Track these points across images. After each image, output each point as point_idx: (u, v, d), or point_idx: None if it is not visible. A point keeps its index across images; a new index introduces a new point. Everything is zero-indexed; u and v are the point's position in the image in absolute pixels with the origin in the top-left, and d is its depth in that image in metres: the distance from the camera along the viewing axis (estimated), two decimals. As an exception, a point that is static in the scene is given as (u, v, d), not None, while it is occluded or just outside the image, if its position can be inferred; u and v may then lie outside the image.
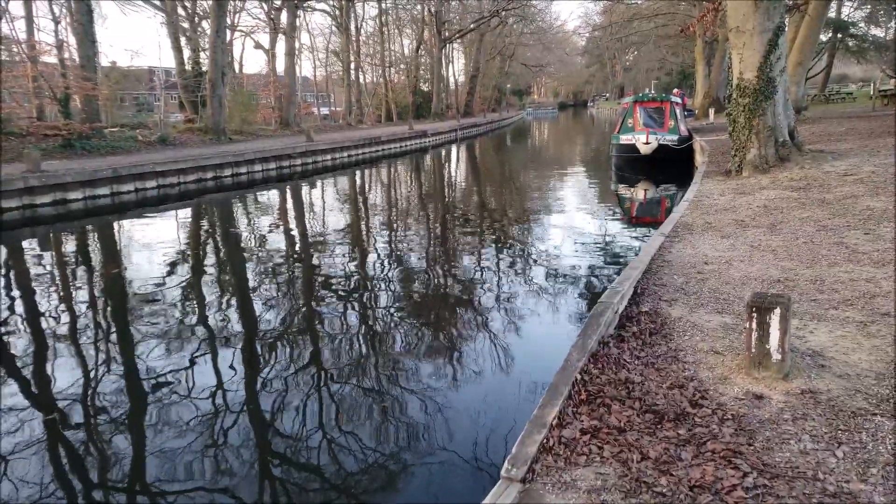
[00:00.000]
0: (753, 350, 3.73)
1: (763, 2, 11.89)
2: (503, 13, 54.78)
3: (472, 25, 55.90)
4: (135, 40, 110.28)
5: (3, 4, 23.42)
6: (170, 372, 5.69)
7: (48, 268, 10.18)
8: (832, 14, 38.34)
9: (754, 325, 3.67)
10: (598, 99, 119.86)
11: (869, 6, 42.74)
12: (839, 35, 42.77)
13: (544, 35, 72.66)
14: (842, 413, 3.31)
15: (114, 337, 6.92)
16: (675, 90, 31.01)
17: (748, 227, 8.09)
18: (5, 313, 7.64)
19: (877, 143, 15.18)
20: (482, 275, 8.97)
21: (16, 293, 8.70)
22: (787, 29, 14.70)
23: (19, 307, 8.02)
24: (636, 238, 10.79)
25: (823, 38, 39.06)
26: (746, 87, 12.35)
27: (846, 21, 43.05)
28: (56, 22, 27.64)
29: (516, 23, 64.24)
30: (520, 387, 5.23)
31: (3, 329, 7.04)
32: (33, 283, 9.09)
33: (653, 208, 14.45)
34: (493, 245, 11.04)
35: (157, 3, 34.56)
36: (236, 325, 7.14)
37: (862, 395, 3.48)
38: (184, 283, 8.90)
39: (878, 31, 45.16)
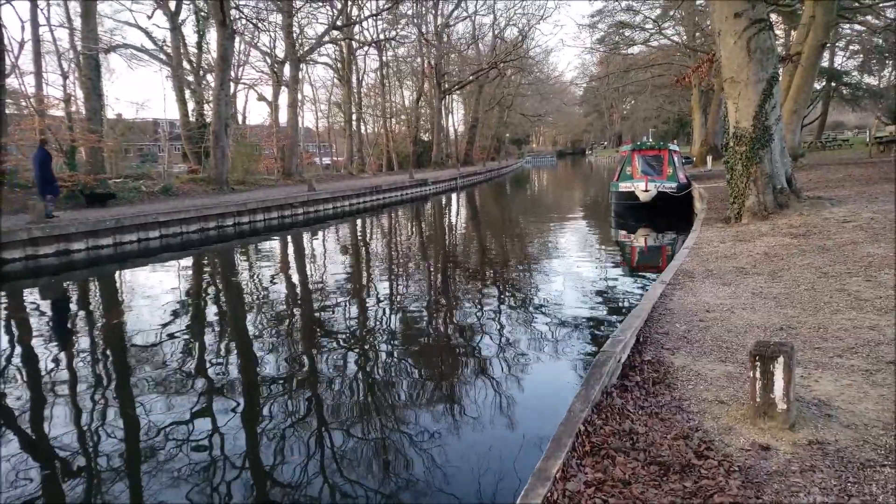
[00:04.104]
0: (758, 400, 3.69)
1: (756, 53, 12.15)
2: (501, 65, 55.92)
3: (471, 77, 57.03)
4: (141, 93, 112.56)
5: (13, 60, 23.97)
6: (170, 423, 5.62)
7: (48, 318, 10.16)
8: (825, 64, 39.14)
9: (758, 374, 3.64)
10: (596, 147, 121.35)
11: (861, 55, 43.66)
12: (833, 83, 43.58)
13: (542, 86, 74.18)
14: (850, 465, 3.25)
15: (113, 388, 6.86)
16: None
17: (749, 275, 8.09)
18: (5, 364, 7.59)
19: (874, 189, 15.30)
20: (483, 323, 8.93)
21: (16, 344, 8.66)
22: (780, 78, 14.96)
23: (19, 358, 7.97)
24: (637, 286, 10.78)
25: (818, 86, 39.81)
26: (743, 135, 12.51)
27: (839, 70, 43.93)
28: (64, 77, 28.30)
29: (514, 74, 65.56)
30: (522, 438, 5.15)
31: (3, 378, 6.99)
32: (33, 334, 9.05)
33: (653, 255, 14.47)
34: (494, 293, 11.02)
35: (164, 57, 35.36)
36: (237, 377, 7.08)
37: (870, 446, 3.43)
38: (184, 334, 8.86)
39: (871, 80, 46.09)
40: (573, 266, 12.75)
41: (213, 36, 32.39)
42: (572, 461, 3.40)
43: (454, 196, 37.41)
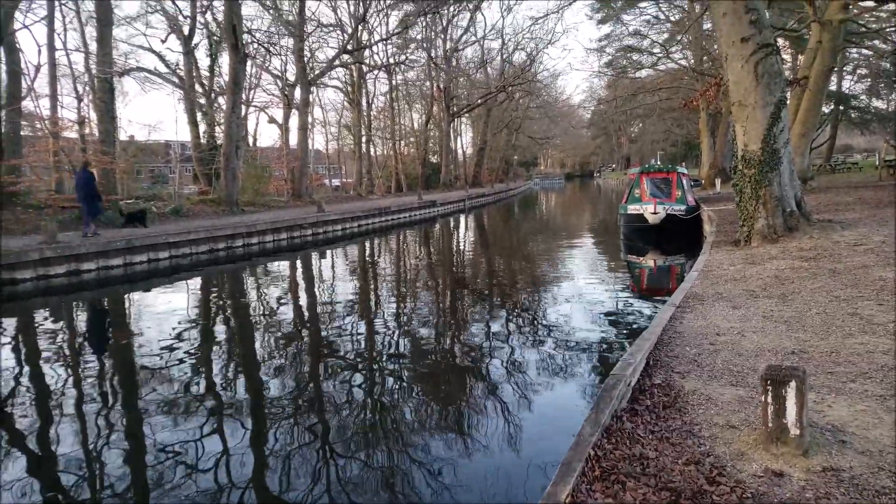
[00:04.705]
0: (770, 424, 3.65)
1: (764, 78, 12.19)
2: (510, 89, 56.30)
3: (479, 100, 57.44)
4: (153, 115, 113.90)
5: (29, 83, 24.39)
6: (177, 444, 5.60)
7: (58, 338, 10.18)
8: (833, 87, 39.21)
9: (770, 399, 3.60)
10: (604, 169, 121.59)
11: (869, 79, 43.72)
12: (841, 107, 43.62)
13: (550, 109, 74.56)
14: (866, 492, 3.20)
15: (121, 408, 6.85)
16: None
17: (759, 298, 8.03)
18: (15, 384, 7.61)
19: (885, 213, 15.22)
20: (492, 346, 8.89)
21: (26, 364, 8.68)
22: (788, 102, 15.00)
23: (29, 378, 7.99)
24: (647, 308, 10.73)
25: (826, 109, 39.85)
26: (751, 158, 12.51)
27: (847, 94, 43.98)
28: (79, 99, 28.80)
29: (523, 97, 65.93)
30: (531, 462, 5.10)
31: (11, 399, 7.00)
32: (43, 354, 9.07)
33: (663, 278, 14.41)
34: (503, 315, 10.98)
35: (176, 80, 35.83)
36: (245, 398, 7.06)
37: (886, 473, 3.38)
38: (192, 355, 8.86)
39: (879, 103, 46.10)
40: (582, 289, 12.70)
41: (225, 59, 32.87)
42: (582, 486, 3.36)
43: (462, 217, 37.48)
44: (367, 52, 45.93)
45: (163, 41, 49.79)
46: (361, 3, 40.38)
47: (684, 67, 40.95)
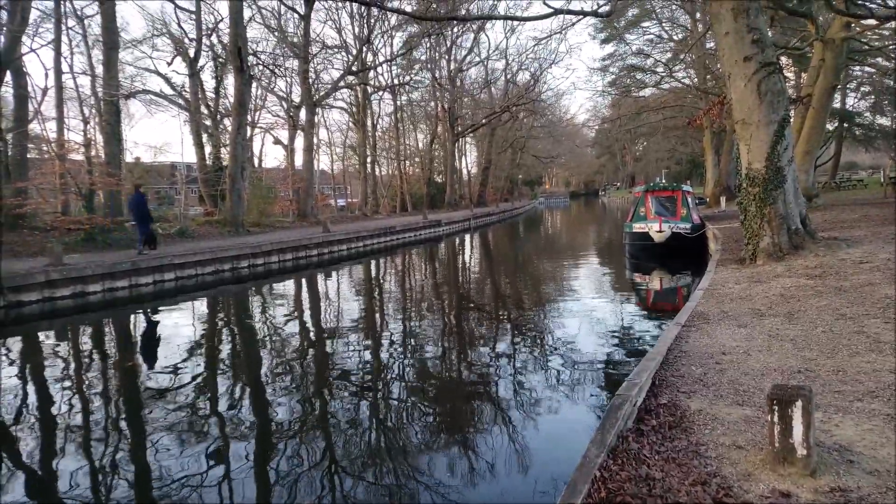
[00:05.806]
0: (777, 445, 3.62)
1: (767, 96, 12.23)
2: (514, 108, 56.64)
3: (483, 120, 57.77)
4: (159, 137, 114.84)
5: (35, 106, 24.68)
6: (183, 468, 5.59)
7: (63, 361, 10.20)
8: (837, 104, 39.29)
9: (776, 419, 3.57)
10: (609, 188, 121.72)
11: (873, 97, 43.81)
12: (845, 124, 43.67)
13: (554, 128, 74.93)
14: (874, 513, 3.17)
15: (125, 431, 6.84)
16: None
17: (765, 316, 8.00)
18: (19, 406, 7.61)
19: (890, 230, 15.15)
20: (497, 366, 8.87)
21: (31, 386, 8.69)
22: (792, 119, 15.04)
23: (34, 400, 8.00)
24: (652, 327, 10.69)
25: (830, 127, 39.90)
26: (756, 176, 12.51)
27: (851, 111, 44.06)
28: (85, 122, 29.09)
29: (527, 117, 66.27)
30: (537, 484, 5.07)
31: (16, 422, 7.01)
32: (48, 376, 9.08)
33: (668, 297, 14.37)
34: (508, 335, 10.96)
35: (182, 102, 36.18)
36: (250, 421, 7.05)
37: (894, 493, 3.34)
38: (198, 376, 8.86)
39: (884, 120, 46.13)
40: (587, 308, 12.68)
41: (230, 81, 33.16)
42: (588, 508, 3.33)
43: (468, 237, 37.50)
44: (371, 74, 46.37)
45: (168, 64, 50.41)
46: (366, 25, 40.85)
47: (688, 86, 41.17)
